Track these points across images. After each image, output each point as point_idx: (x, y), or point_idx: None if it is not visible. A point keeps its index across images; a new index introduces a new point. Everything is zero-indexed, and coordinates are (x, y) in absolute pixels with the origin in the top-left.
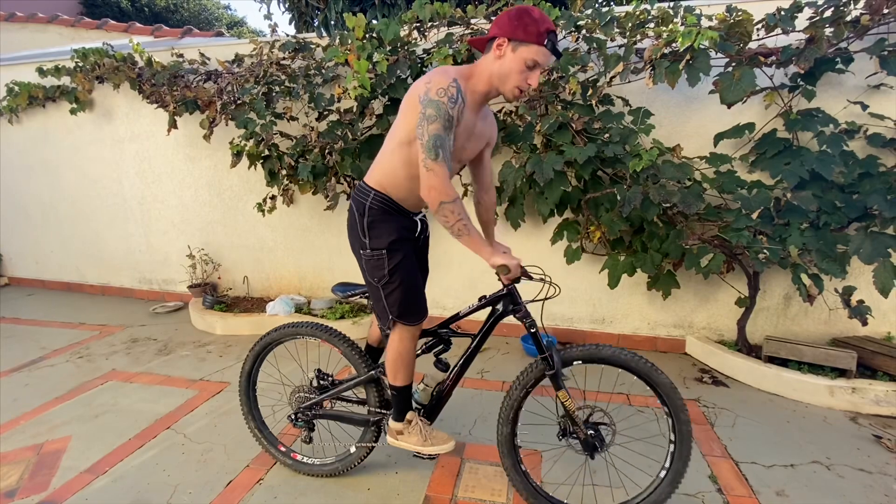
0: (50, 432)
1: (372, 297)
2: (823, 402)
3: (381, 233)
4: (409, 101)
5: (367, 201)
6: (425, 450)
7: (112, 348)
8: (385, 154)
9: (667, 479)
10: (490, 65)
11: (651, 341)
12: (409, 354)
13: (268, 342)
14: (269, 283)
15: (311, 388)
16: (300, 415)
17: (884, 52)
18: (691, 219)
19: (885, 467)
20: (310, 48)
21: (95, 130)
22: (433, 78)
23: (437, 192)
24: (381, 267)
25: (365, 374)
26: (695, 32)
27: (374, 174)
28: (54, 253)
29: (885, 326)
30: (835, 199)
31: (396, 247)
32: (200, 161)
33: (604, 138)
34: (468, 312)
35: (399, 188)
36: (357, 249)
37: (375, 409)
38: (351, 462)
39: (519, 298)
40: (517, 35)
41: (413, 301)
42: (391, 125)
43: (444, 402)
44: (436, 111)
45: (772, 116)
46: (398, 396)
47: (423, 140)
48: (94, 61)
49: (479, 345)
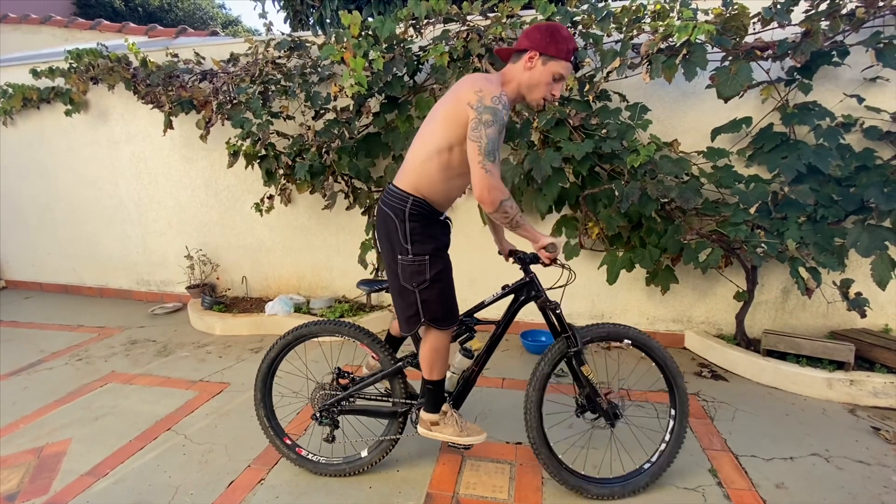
0: (50, 435)
1: (402, 300)
2: (822, 395)
3: (424, 238)
4: (454, 109)
5: (406, 207)
6: (461, 440)
7: (111, 350)
8: (420, 158)
9: (671, 442)
10: (520, 74)
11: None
12: (444, 351)
13: (301, 334)
14: (268, 283)
15: (333, 385)
16: (324, 413)
17: (879, 45)
18: (689, 214)
19: (883, 459)
20: (305, 46)
21: (91, 132)
22: (483, 86)
23: (497, 192)
24: (423, 272)
25: (391, 366)
26: (691, 26)
27: (409, 178)
28: (51, 255)
29: (882, 319)
30: (832, 193)
31: (440, 253)
32: (197, 161)
33: (601, 134)
34: (492, 301)
35: (436, 192)
36: (394, 255)
37: (402, 400)
38: (371, 460)
39: (539, 285)
40: (549, 51)
41: (450, 307)
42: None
43: (471, 388)
44: (493, 117)
45: (769, 110)
46: (434, 390)
47: (482, 143)
48: (88, 62)
49: (503, 332)
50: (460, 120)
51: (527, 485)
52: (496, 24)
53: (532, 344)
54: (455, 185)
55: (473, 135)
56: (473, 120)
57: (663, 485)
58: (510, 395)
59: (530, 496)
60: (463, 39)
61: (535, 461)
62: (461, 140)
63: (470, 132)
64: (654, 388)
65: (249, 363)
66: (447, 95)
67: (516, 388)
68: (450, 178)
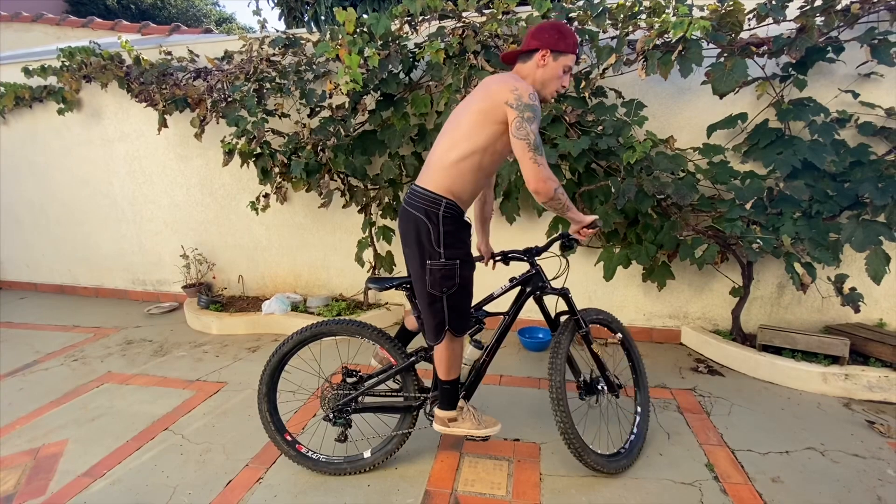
0: (46, 436)
1: (430, 308)
2: (817, 389)
3: (457, 242)
4: (489, 108)
5: (439, 210)
6: (480, 432)
7: (107, 350)
8: (451, 159)
9: (641, 411)
10: (533, 72)
11: (647, 332)
12: (460, 351)
13: (320, 332)
14: (265, 282)
15: (342, 384)
16: (336, 413)
17: (874, 41)
18: (685, 210)
19: (878, 452)
20: (300, 44)
21: (84, 131)
22: (516, 85)
23: (552, 182)
24: (453, 276)
25: (404, 362)
26: (686, 23)
27: (440, 181)
28: (46, 256)
29: (876, 313)
30: (826, 188)
31: (469, 258)
32: (192, 160)
33: (597, 131)
34: (501, 293)
35: (466, 192)
36: (423, 259)
37: (414, 394)
38: (387, 453)
39: (545, 276)
40: (559, 46)
41: (468, 311)
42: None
43: (481, 378)
44: (533, 113)
45: (764, 106)
46: (450, 389)
47: (530, 140)
48: (80, 60)
49: (511, 322)
50: (498, 118)
51: (525, 481)
52: (492, 20)
53: (530, 341)
54: (481, 184)
55: (520, 133)
56: (517, 119)
57: (660, 479)
58: (508, 391)
59: (528, 492)
60: (459, 36)
61: (534, 458)
62: (496, 139)
63: (515, 130)
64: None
65: (246, 362)
66: (475, 96)
67: (514, 385)
68: (479, 179)
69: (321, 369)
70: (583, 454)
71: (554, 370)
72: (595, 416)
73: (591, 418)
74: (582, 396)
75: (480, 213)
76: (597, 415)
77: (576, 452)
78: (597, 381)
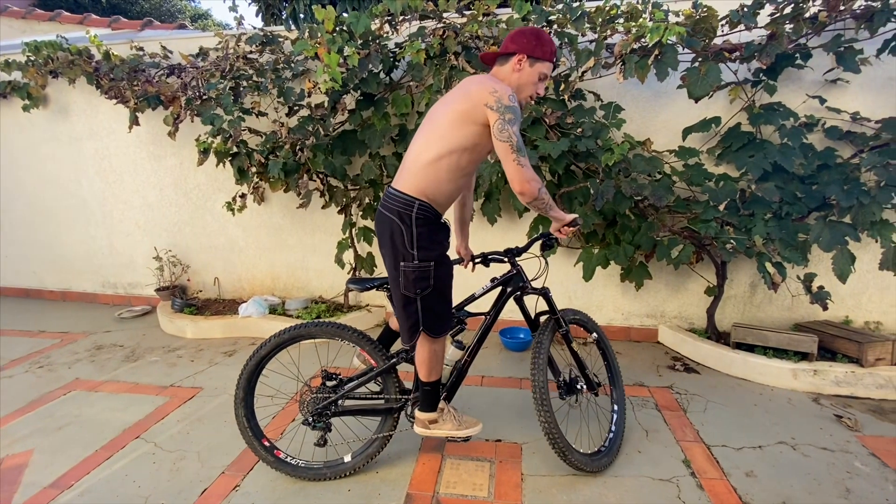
0: (10, 447)
1: (405, 309)
2: (787, 385)
3: (430, 244)
4: (468, 109)
5: (412, 212)
6: (461, 433)
7: (75, 356)
8: (425, 160)
9: (618, 408)
10: (509, 76)
11: (625, 331)
12: (441, 353)
13: (299, 335)
14: (242, 285)
15: (322, 388)
16: (317, 417)
17: (840, 49)
18: (662, 211)
19: (846, 445)
20: (278, 41)
21: (50, 128)
22: (495, 87)
23: (535, 182)
24: (427, 278)
25: (385, 364)
26: (662, 28)
27: (414, 182)
28: (10, 258)
29: (843, 311)
30: (796, 190)
31: (444, 259)
32: (165, 159)
33: (576, 133)
34: (483, 293)
35: (441, 194)
36: (397, 261)
37: (395, 396)
38: (368, 456)
39: (525, 277)
40: (535, 53)
41: (448, 313)
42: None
43: (463, 379)
44: (514, 115)
45: (736, 111)
46: (430, 391)
47: (513, 141)
48: (47, 55)
49: (493, 322)
50: (477, 120)
51: (506, 482)
52: (472, 21)
53: (511, 341)
54: (459, 185)
55: (502, 135)
56: (498, 121)
57: (639, 476)
58: (490, 392)
59: (510, 493)
60: (439, 37)
61: (515, 458)
62: (474, 140)
63: (497, 133)
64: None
65: (223, 367)
66: (453, 97)
67: (496, 386)
68: (457, 180)
69: (300, 373)
70: (567, 454)
71: (536, 370)
72: (574, 415)
73: (570, 417)
74: (562, 396)
75: (460, 215)
76: (576, 414)
77: (560, 452)
78: (576, 381)
